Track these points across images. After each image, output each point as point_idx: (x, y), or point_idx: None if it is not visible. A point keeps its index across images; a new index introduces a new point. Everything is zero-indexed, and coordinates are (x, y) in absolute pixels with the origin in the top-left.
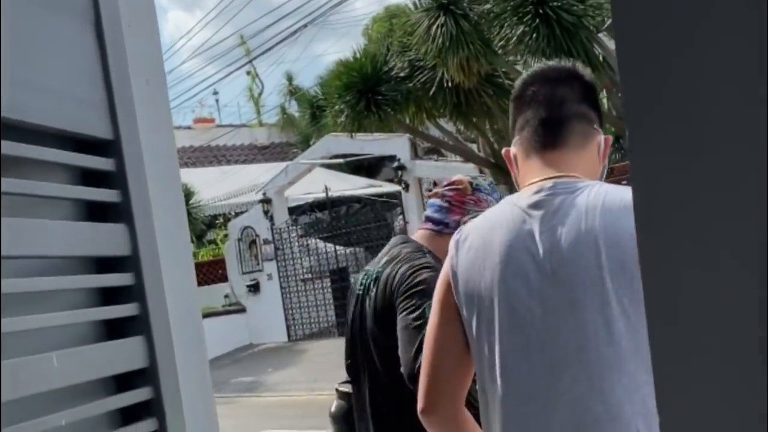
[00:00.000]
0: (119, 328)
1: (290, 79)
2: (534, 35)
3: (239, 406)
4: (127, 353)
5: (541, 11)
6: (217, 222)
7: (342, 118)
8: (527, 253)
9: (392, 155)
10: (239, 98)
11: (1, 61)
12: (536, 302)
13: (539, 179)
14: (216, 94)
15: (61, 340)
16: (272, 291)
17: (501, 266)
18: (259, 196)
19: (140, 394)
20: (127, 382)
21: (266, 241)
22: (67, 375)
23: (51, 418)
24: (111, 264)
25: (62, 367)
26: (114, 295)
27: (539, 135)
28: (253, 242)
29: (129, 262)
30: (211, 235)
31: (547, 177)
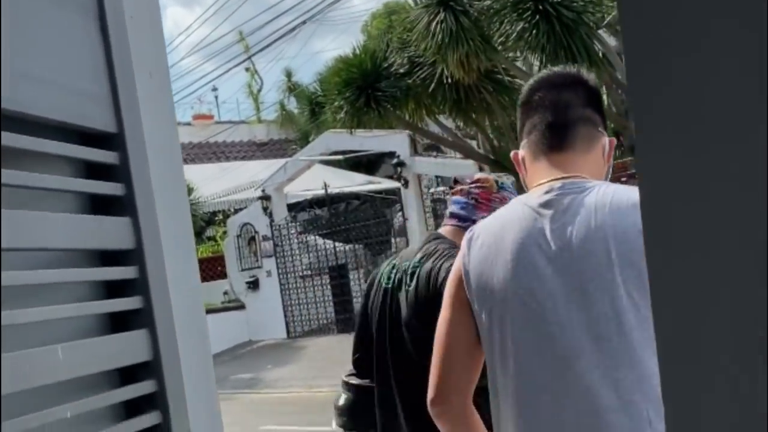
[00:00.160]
0: (123, 321)
1: (289, 75)
2: (534, 31)
3: (238, 402)
4: (131, 346)
5: (540, 7)
6: (216, 219)
7: (341, 115)
8: (539, 249)
9: (392, 152)
10: (238, 95)
11: (5, 53)
12: (548, 297)
13: (548, 180)
14: (215, 90)
15: (66, 332)
16: (271, 288)
17: (513, 263)
18: (258, 193)
19: (144, 387)
20: (131, 374)
21: (265, 238)
22: (73, 367)
23: (56, 410)
24: (115, 257)
25: (67, 359)
26: (118, 288)
27: (546, 138)
28: (252, 239)
29: (133, 256)
30: (210, 232)
31: (556, 178)
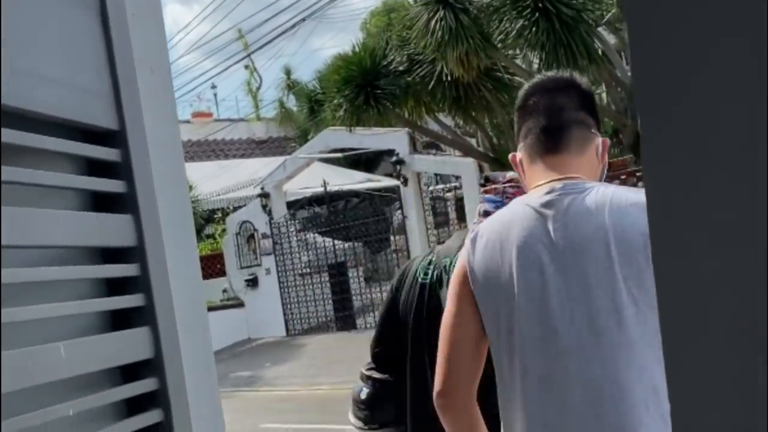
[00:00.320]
0: (125, 319)
1: (288, 73)
2: (533, 29)
3: (238, 400)
4: (133, 344)
5: (540, 5)
6: (216, 216)
7: (341, 112)
8: (542, 248)
9: (391, 149)
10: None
11: (5, 49)
12: (551, 293)
13: (547, 181)
14: (214, 88)
15: (67, 330)
16: (270, 285)
17: (518, 261)
18: (258, 191)
19: (146, 385)
20: (133, 372)
21: (264, 236)
22: (75, 365)
23: (58, 408)
24: (116, 254)
25: (70, 357)
26: (119, 286)
27: (541, 141)
28: (252, 237)
29: (134, 253)
30: (209, 230)
31: (555, 179)
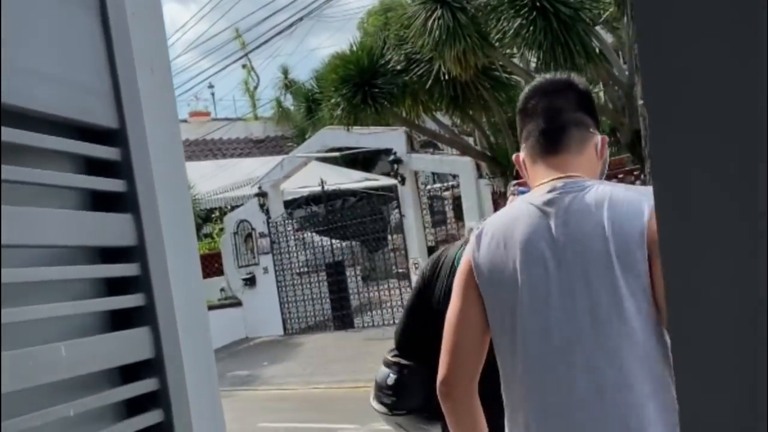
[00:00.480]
0: (125, 319)
1: (286, 72)
2: (531, 28)
3: (235, 399)
4: (133, 344)
5: (538, 4)
6: (213, 216)
7: (338, 111)
8: (545, 244)
9: (388, 148)
10: (235, 92)
11: (5, 47)
12: (554, 286)
13: (549, 180)
14: (211, 87)
15: (67, 330)
16: (268, 284)
17: (522, 256)
18: (255, 190)
19: (146, 385)
20: (133, 373)
21: (262, 235)
22: (75, 365)
23: (59, 408)
24: (117, 254)
25: (70, 357)
26: (119, 286)
27: (541, 144)
28: (249, 236)
29: (135, 253)
30: (207, 229)
31: (556, 177)
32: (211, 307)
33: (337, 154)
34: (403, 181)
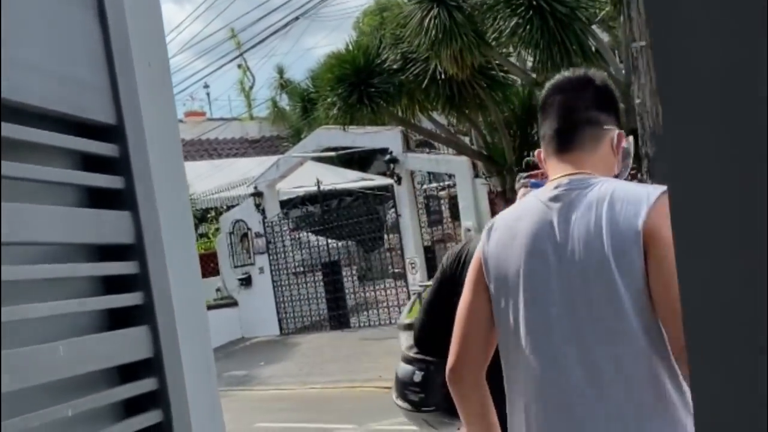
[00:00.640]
0: (124, 318)
1: (281, 72)
2: (527, 27)
3: (232, 399)
4: (132, 343)
5: (534, 2)
6: (209, 216)
7: (334, 111)
8: (547, 239)
9: (384, 148)
10: (230, 92)
11: (2, 41)
12: (554, 281)
13: (558, 176)
14: (207, 87)
15: (66, 329)
16: (264, 284)
17: (526, 251)
18: (251, 190)
19: (145, 385)
20: (132, 372)
21: (258, 235)
22: (73, 365)
23: (57, 408)
24: (114, 252)
25: (68, 356)
26: (118, 284)
27: (555, 142)
28: (245, 236)
29: (133, 250)
30: (202, 229)
31: (564, 174)
32: (207, 308)
33: (332, 153)
34: (399, 181)
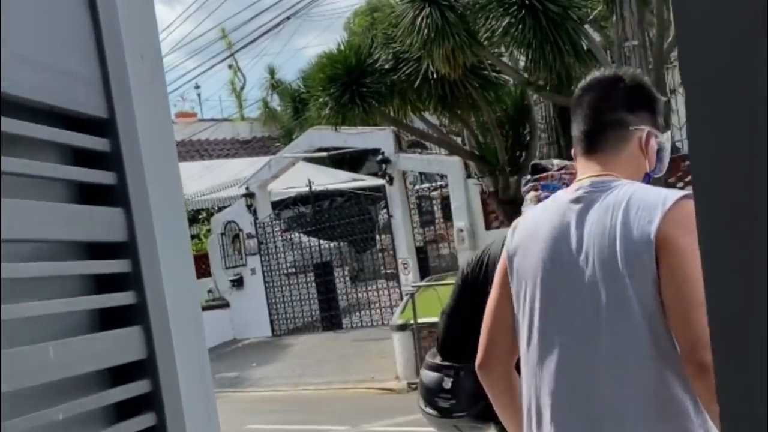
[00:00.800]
0: (116, 318)
1: (272, 72)
2: (520, 26)
3: (223, 401)
4: (124, 344)
5: (527, 2)
6: (200, 217)
7: (326, 111)
8: (564, 241)
9: (376, 148)
10: (221, 92)
11: None
12: (569, 283)
13: (581, 178)
14: (197, 88)
15: (55, 330)
16: (256, 286)
17: (543, 251)
18: (242, 191)
19: (138, 387)
20: (125, 374)
21: (249, 236)
22: (64, 367)
23: (47, 412)
24: (106, 250)
25: (58, 358)
26: (109, 283)
27: (582, 143)
28: (237, 237)
29: (125, 248)
30: (194, 230)
31: (588, 176)
32: None
33: (324, 154)
34: (391, 181)
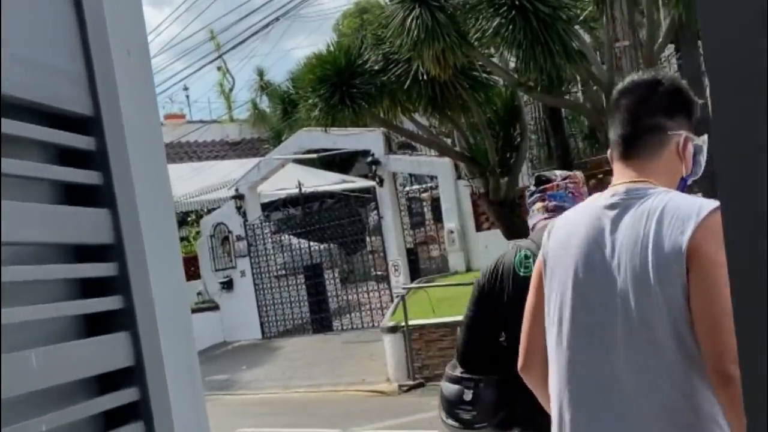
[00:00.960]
0: (102, 324)
1: (261, 74)
2: (510, 27)
3: (213, 404)
4: (111, 351)
5: (517, 2)
6: (189, 219)
7: (316, 112)
8: (598, 247)
9: (366, 150)
10: (210, 94)
11: None
12: (601, 289)
13: (617, 183)
14: (186, 89)
15: (39, 336)
16: (246, 288)
17: (576, 256)
18: (232, 192)
19: (126, 396)
20: (111, 382)
21: (239, 238)
22: (47, 375)
23: (30, 423)
24: (92, 252)
25: (42, 366)
26: (95, 287)
27: (619, 147)
28: (226, 239)
29: (112, 251)
30: (183, 232)
31: (623, 181)
32: None
33: (314, 155)
34: (381, 183)
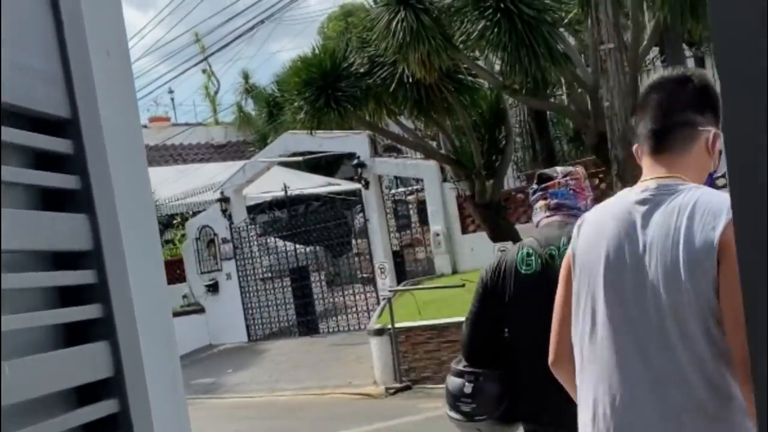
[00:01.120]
0: (80, 333)
1: (246, 77)
2: (495, 29)
3: (199, 407)
4: (89, 361)
5: (502, 5)
6: (175, 222)
7: (301, 115)
8: (629, 242)
9: (352, 152)
10: (195, 97)
11: None
12: (630, 285)
13: (648, 178)
14: (171, 92)
15: (14, 347)
16: (231, 291)
17: (607, 250)
18: (217, 195)
19: (104, 408)
20: (90, 394)
21: (225, 240)
22: (22, 388)
23: None
24: (69, 259)
25: (16, 378)
26: (73, 296)
27: (649, 142)
28: (212, 241)
29: (90, 258)
30: (168, 235)
31: (654, 177)
32: (173, 314)
33: (299, 158)
34: (366, 186)
